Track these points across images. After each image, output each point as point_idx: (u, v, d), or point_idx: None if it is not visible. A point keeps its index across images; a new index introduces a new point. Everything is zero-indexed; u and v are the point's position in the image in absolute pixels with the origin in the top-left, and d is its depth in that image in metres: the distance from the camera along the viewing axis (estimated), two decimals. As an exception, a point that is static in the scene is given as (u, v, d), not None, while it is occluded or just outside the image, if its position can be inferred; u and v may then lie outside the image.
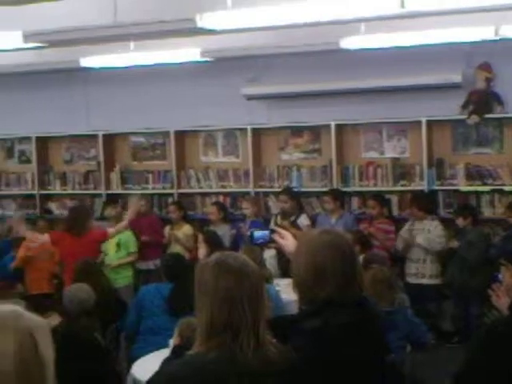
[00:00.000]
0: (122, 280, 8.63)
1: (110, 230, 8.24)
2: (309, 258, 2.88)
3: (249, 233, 3.72)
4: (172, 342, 5.19)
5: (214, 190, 10.18)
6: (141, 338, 6.39)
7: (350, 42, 7.68)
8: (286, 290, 6.63)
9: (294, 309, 5.22)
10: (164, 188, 10.39)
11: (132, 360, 6.03)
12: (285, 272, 7.68)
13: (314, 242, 2.94)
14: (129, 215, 8.41)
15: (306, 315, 2.85)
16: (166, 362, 4.41)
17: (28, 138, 11.07)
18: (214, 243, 7.24)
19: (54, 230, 8.93)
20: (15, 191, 11.18)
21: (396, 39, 7.65)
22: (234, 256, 2.69)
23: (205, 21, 5.47)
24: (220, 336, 2.53)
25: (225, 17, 5.63)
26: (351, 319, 2.81)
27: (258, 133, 9.99)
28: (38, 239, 8.35)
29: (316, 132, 9.84)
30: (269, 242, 3.66)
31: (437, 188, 9.07)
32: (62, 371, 2.20)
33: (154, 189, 10.38)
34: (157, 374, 2.71)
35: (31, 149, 11.08)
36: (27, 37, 5.78)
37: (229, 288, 2.55)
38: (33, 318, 2.14)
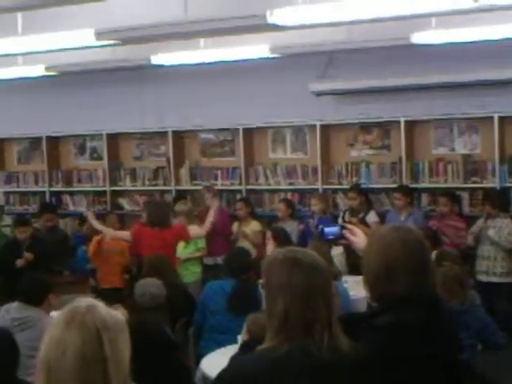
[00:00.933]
0: (191, 276, 8.69)
1: (192, 233, 8.29)
2: (380, 255, 2.86)
3: (319, 229, 3.69)
4: (240, 338, 5.21)
5: (282, 186, 10.18)
6: (207, 336, 6.44)
7: (421, 37, 7.58)
8: (354, 288, 6.60)
9: (362, 306, 5.20)
10: (232, 184, 10.44)
11: (200, 357, 6.07)
12: (353, 269, 7.64)
13: (386, 238, 2.91)
14: (209, 218, 8.41)
15: (377, 311, 2.83)
16: (235, 358, 4.43)
17: (99, 135, 11.24)
18: (282, 240, 7.23)
19: (137, 222, 8.98)
20: (87, 187, 11.36)
21: (468, 34, 7.52)
22: (302, 251, 2.69)
23: (275, 17, 5.47)
24: (293, 330, 2.52)
25: (295, 12, 5.62)
26: (423, 316, 2.78)
27: (326, 129, 9.95)
28: (117, 235, 8.52)
29: (385, 128, 9.75)
30: (339, 239, 3.63)
31: (509, 185, 8.90)
32: (132, 365, 2.22)
33: (222, 185, 10.43)
34: (227, 369, 2.71)
35: (102, 146, 11.25)
36: (99, 35, 5.86)
37: (303, 282, 2.54)
38: (105, 314, 2.15)
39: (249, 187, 10.27)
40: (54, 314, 5.94)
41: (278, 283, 2.57)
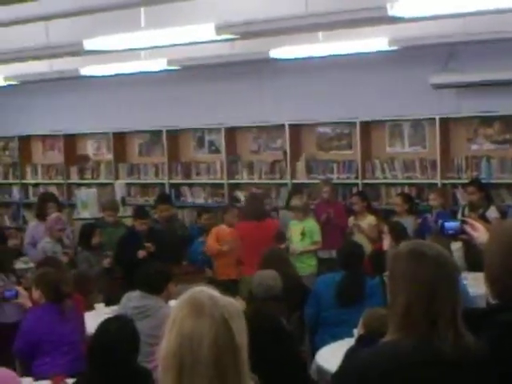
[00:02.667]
0: (307, 269, 8.72)
1: None
2: (503, 250, 2.79)
3: (439, 223, 3.64)
4: (356, 331, 5.19)
5: (400, 180, 10.06)
6: (321, 329, 6.44)
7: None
8: (473, 284, 6.46)
9: (481, 303, 5.08)
10: (348, 178, 10.40)
11: (315, 349, 6.09)
12: (472, 265, 7.48)
13: (508, 233, 2.84)
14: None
15: (499, 308, 2.77)
16: (351, 352, 4.42)
17: (218, 129, 11.39)
18: (398, 234, 7.16)
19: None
20: (205, 180, 11.54)
21: None
22: (427, 244, 2.63)
23: (396, 9, 5.42)
24: (417, 324, 2.48)
25: (415, 4, 5.55)
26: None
27: (446, 123, 9.77)
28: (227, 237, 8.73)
29: (508, 121, 9.49)
30: (459, 234, 3.56)
31: None
32: (250, 355, 2.24)
33: (338, 179, 10.39)
34: (347, 363, 2.71)
35: (220, 139, 11.40)
36: (219, 29, 5.94)
37: (428, 276, 2.49)
38: (228, 305, 2.18)
39: (365, 181, 10.21)
40: (172, 302, 6.08)
41: (402, 277, 2.53)
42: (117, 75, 9.79)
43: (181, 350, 2.10)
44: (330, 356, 5.59)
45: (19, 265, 8.87)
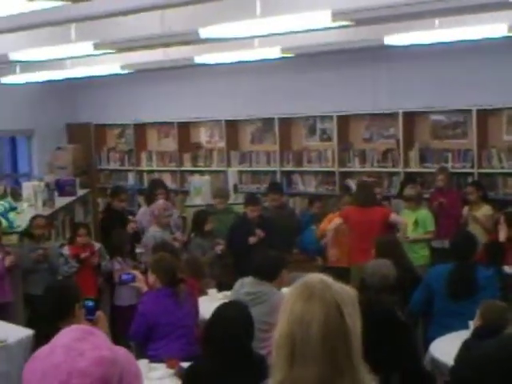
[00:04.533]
0: (420, 259, 8.60)
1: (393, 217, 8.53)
2: None
3: None
4: (472, 323, 5.10)
5: (517, 170, 9.80)
6: (435, 320, 6.34)
7: None
8: None
9: None
10: (464, 167, 10.18)
11: (428, 341, 6.00)
12: None
13: None
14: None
15: None
16: (468, 344, 4.34)
17: (330, 117, 11.34)
18: (515, 225, 6.98)
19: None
20: (316, 168, 11.52)
21: None
22: None
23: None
24: None
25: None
26: None
27: None
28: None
29: None
30: None
31: None
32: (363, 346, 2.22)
33: (453, 168, 10.18)
34: (467, 356, 2.66)
35: (332, 127, 11.35)
36: (336, 16, 5.90)
37: None
38: (340, 290, 2.19)
39: (481, 170, 9.96)
40: (285, 290, 6.10)
41: None
42: (230, 63, 9.87)
43: (292, 330, 2.14)
44: (445, 347, 5.52)
45: (139, 249, 9.09)
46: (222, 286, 7.67)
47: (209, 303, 6.78)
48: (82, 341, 1.93)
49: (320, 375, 2.09)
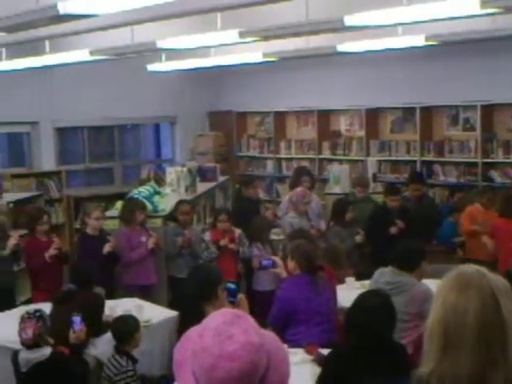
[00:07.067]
0: None
1: None
2: None
3: None
4: None
5: None
6: None
7: None
8: None
9: None
10: None
11: None
12: None
13: None
14: None
15: None
16: None
17: (473, 106, 11.06)
18: None
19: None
20: (458, 158, 11.27)
21: None
22: None
23: None
24: None
25: None
26: None
27: None
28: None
29: None
30: None
31: None
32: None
33: None
34: None
35: (476, 117, 11.07)
36: (484, 2, 5.74)
37: None
38: (495, 279, 2.17)
39: None
40: (425, 281, 6.02)
41: None
42: (372, 51, 9.78)
43: (446, 319, 2.13)
44: None
45: (272, 236, 9.18)
46: (361, 275, 7.65)
47: (347, 291, 6.78)
48: (231, 325, 1.95)
49: (472, 366, 2.07)
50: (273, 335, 2.10)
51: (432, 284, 5.74)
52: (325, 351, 5.05)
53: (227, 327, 1.94)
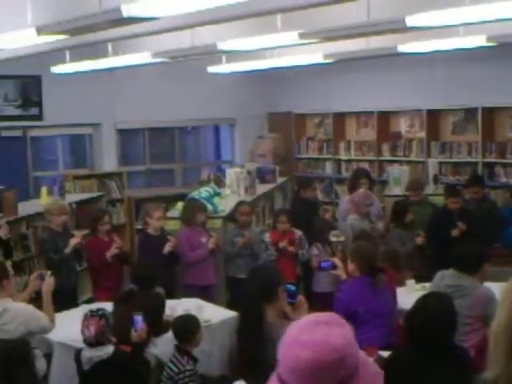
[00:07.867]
0: None
1: None
2: None
3: None
4: None
5: None
6: None
7: None
8: None
9: None
10: None
11: None
12: None
13: None
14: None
15: None
16: None
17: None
18: None
19: None
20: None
21: None
22: None
23: None
24: None
25: None
26: None
27: None
28: None
29: None
30: None
31: None
32: None
33: None
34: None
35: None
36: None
37: None
38: None
39: None
40: (486, 284, 5.95)
41: None
42: (433, 52, 9.69)
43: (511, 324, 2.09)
44: None
45: (331, 238, 9.14)
46: (422, 278, 7.58)
47: (407, 294, 6.74)
48: (319, 324, 1.86)
49: None
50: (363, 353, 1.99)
51: (493, 287, 5.67)
52: (384, 353, 5.02)
53: (314, 324, 1.86)
